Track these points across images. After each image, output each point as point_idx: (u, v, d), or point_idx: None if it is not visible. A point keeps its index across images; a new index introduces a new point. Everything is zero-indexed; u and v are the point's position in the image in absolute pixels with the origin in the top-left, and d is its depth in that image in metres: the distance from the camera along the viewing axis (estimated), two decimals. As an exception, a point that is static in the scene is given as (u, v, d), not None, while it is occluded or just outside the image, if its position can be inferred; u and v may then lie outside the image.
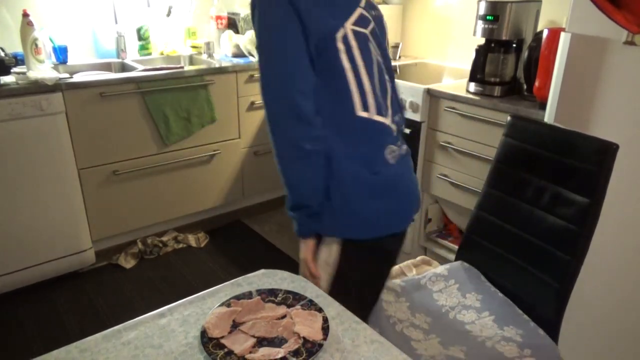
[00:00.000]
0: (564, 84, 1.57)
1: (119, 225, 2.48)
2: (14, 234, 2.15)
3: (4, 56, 2.15)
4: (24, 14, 2.12)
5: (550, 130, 1.36)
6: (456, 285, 1.45)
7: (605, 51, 1.47)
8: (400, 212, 1.21)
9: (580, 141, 1.25)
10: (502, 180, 1.45)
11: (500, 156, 1.46)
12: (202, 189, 2.72)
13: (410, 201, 1.23)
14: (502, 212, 1.43)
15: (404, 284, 1.44)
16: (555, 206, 1.28)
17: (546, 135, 1.34)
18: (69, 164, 2.22)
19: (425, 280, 1.47)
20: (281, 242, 2.78)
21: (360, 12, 1.15)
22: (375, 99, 1.14)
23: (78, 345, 0.90)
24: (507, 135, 1.44)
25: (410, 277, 1.50)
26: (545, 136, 1.34)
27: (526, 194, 1.37)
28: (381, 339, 0.93)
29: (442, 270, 1.51)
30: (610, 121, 1.51)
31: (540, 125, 1.43)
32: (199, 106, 2.55)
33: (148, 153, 2.46)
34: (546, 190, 1.32)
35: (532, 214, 1.34)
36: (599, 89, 1.51)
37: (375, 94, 1.15)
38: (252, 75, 2.71)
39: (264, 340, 0.91)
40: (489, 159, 1.98)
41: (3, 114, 1.99)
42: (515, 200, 1.39)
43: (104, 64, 2.65)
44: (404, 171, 1.21)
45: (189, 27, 2.98)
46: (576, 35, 1.52)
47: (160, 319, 0.97)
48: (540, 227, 1.31)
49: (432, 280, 1.47)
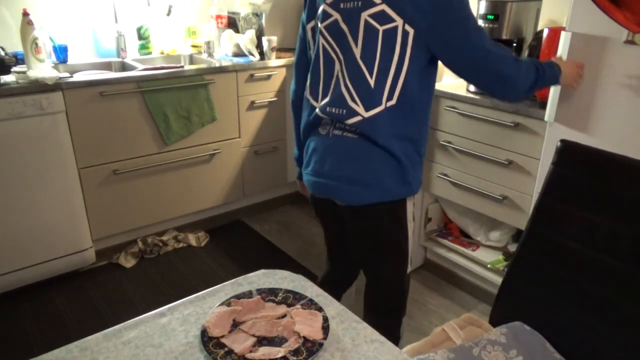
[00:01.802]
0: (565, 83, 1.57)
1: (119, 224, 2.48)
2: (14, 233, 2.15)
3: (4, 55, 2.15)
4: (24, 13, 2.12)
5: (620, 161, 1.11)
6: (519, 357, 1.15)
7: (606, 50, 1.47)
8: (312, 180, 1.37)
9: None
10: (554, 220, 1.19)
11: (551, 190, 1.20)
12: (202, 188, 2.72)
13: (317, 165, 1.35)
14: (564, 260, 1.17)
15: (453, 356, 1.15)
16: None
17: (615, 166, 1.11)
18: (69, 163, 2.22)
19: (478, 350, 1.17)
20: (281, 241, 2.78)
21: (322, 7, 1.27)
22: (312, 85, 1.35)
23: (78, 345, 0.90)
24: (558, 164, 1.19)
25: (459, 344, 1.20)
26: (614, 167, 1.11)
27: (596, 239, 1.11)
28: (381, 338, 0.93)
29: (498, 335, 1.20)
30: (610, 121, 1.51)
31: (603, 154, 1.15)
32: (199, 105, 2.55)
33: (148, 152, 2.46)
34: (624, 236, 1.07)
35: (609, 266, 1.09)
36: (599, 88, 1.52)
37: (316, 82, 1.34)
38: (252, 75, 2.71)
39: (264, 339, 0.91)
40: (489, 158, 1.98)
41: (3, 113, 1.99)
42: (578, 245, 1.14)
43: (104, 63, 2.65)
44: (331, 148, 1.32)
45: (189, 27, 2.98)
46: (577, 34, 1.52)
47: (161, 318, 0.97)
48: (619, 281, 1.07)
49: (488, 350, 1.17)
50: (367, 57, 1.22)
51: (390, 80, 1.22)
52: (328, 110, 1.29)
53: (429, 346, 1.25)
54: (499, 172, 1.98)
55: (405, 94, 1.23)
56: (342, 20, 1.23)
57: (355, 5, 1.21)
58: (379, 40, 1.19)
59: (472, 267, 2.24)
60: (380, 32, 1.19)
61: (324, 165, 1.32)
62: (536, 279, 1.23)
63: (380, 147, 1.26)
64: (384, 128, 1.24)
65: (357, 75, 1.23)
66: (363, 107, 1.24)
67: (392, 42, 1.19)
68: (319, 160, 1.33)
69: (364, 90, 1.23)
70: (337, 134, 1.30)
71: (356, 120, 1.25)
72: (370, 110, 1.23)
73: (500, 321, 1.27)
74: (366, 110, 1.24)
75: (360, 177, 1.27)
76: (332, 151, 1.30)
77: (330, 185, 1.31)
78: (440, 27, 1.17)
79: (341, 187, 1.29)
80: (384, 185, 1.27)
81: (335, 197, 1.34)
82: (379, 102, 1.23)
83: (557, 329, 1.18)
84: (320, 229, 1.64)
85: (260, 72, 2.74)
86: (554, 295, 1.19)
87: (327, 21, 1.26)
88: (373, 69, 1.22)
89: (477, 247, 2.30)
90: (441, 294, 2.32)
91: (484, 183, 2.05)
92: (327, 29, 1.27)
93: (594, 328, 1.11)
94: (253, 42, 2.78)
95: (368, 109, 1.24)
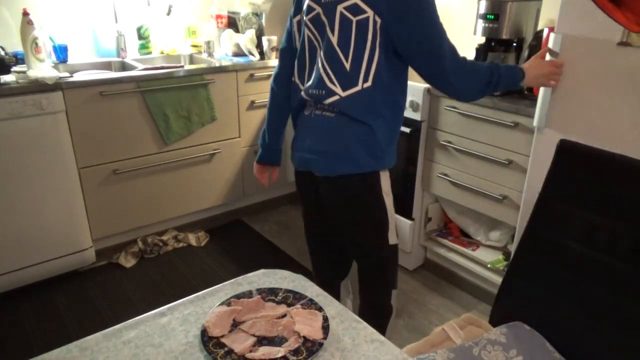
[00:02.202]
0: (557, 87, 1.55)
1: (119, 224, 2.48)
2: (14, 233, 2.15)
3: (4, 55, 2.15)
4: (24, 12, 2.12)
5: (620, 160, 1.11)
6: (519, 357, 1.15)
7: (598, 52, 1.46)
8: (296, 155, 1.54)
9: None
10: (556, 221, 1.19)
11: (551, 190, 1.20)
12: (202, 188, 2.72)
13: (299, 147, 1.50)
14: (563, 260, 1.17)
15: (453, 356, 1.15)
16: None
17: (615, 166, 1.10)
18: (69, 163, 2.22)
19: (478, 350, 1.17)
20: (281, 241, 2.78)
21: (307, 3, 1.43)
22: (299, 72, 1.52)
23: (78, 344, 0.90)
24: (558, 164, 1.19)
25: (459, 344, 1.21)
26: (614, 166, 1.10)
27: (596, 239, 1.10)
28: (381, 338, 0.93)
29: (498, 335, 1.20)
30: (602, 123, 1.49)
31: (603, 153, 1.14)
32: (199, 105, 2.55)
33: (148, 152, 2.46)
34: (624, 236, 1.06)
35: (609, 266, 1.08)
36: (593, 90, 1.50)
37: (302, 68, 1.50)
38: (252, 75, 2.71)
39: (264, 339, 0.91)
40: (490, 158, 1.98)
41: (3, 113, 1.99)
42: (578, 245, 1.14)
43: (104, 63, 2.65)
44: (312, 126, 1.46)
45: (189, 26, 2.98)
46: (567, 36, 1.51)
47: (161, 318, 0.97)
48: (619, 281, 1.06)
49: (488, 349, 1.17)
50: (343, 44, 1.35)
51: (365, 64, 1.34)
52: (310, 92, 1.45)
53: (429, 346, 1.25)
54: (499, 172, 1.98)
55: (379, 77, 1.35)
56: (322, 12, 1.38)
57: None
58: (353, 29, 1.33)
59: (472, 266, 2.24)
60: (353, 22, 1.32)
61: (305, 140, 1.48)
62: (536, 279, 1.22)
63: (355, 122, 1.38)
64: (359, 106, 1.37)
65: (334, 60, 1.37)
66: (340, 88, 1.38)
67: (364, 30, 1.32)
68: (301, 137, 1.50)
69: (340, 73, 1.37)
70: (317, 113, 1.45)
71: (334, 100, 1.39)
72: (347, 90, 1.37)
73: (500, 321, 1.27)
74: (343, 91, 1.37)
75: (335, 150, 1.41)
76: (313, 128, 1.46)
77: (309, 158, 1.46)
78: (400, 19, 1.29)
79: (319, 160, 1.44)
80: (357, 158, 1.39)
81: (313, 169, 1.48)
82: (356, 83, 1.36)
83: (557, 328, 1.18)
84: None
85: (260, 71, 2.74)
86: (554, 295, 1.19)
87: (311, 14, 1.42)
88: (348, 55, 1.35)
89: (477, 247, 2.30)
90: (441, 293, 2.32)
91: (484, 183, 2.05)
92: (310, 21, 1.43)
93: (594, 328, 1.11)
94: (253, 42, 2.78)
95: (345, 89, 1.37)
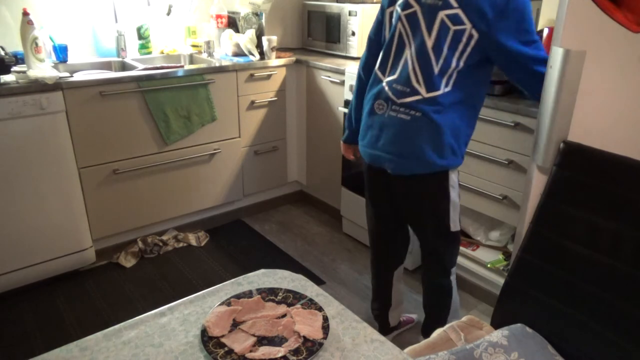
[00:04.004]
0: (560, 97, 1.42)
1: (119, 224, 2.48)
2: (14, 233, 2.15)
3: (4, 55, 2.15)
4: (24, 12, 2.12)
5: (624, 162, 1.10)
6: (521, 359, 1.14)
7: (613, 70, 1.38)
8: (368, 151, 1.61)
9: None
10: (559, 222, 1.18)
11: (554, 192, 1.19)
12: (202, 187, 2.72)
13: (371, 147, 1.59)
14: (565, 262, 1.16)
15: (454, 358, 1.14)
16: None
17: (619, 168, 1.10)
18: (69, 162, 2.22)
19: (479, 352, 1.15)
20: (281, 241, 2.78)
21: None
22: (382, 62, 1.58)
23: (78, 344, 0.90)
24: (561, 166, 1.19)
25: (461, 347, 1.19)
26: (618, 169, 1.10)
27: (598, 241, 1.10)
28: (381, 337, 0.93)
29: (500, 337, 1.19)
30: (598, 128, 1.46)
31: (607, 155, 1.14)
32: (199, 105, 2.55)
33: (148, 152, 2.46)
34: (626, 238, 1.05)
35: (611, 268, 1.07)
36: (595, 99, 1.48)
37: (386, 60, 1.57)
38: (252, 74, 2.71)
39: (264, 339, 0.91)
40: (490, 158, 1.98)
41: (3, 113, 1.99)
42: (580, 247, 1.14)
43: (104, 62, 2.65)
44: (385, 126, 1.54)
45: (189, 26, 2.98)
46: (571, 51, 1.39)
47: (161, 318, 0.97)
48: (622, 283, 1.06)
49: (489, 352, 1.15)
50: (437, 48, 1.44)
51: (451, 70, 1.44)
52: (394, 87, 1.52)
53: (430, 348, 1.25)
54: (499, 172, 1.98)
55: (461, 83, 1.45)
56: (420, 12, 1.46)
57: (435, 3, 1.43)
58: (449, 37, 1.42)
59: (472, 267, 2.24)
60: (451, 30, 1.41)
61: (379, 140, 1.56)
62: (538, 281, 1.22)
63: (431, 124, 1.46)
64: (438, 107, 1.46)
65: (426, 61, 1.46)
66: (425, 89, 1.47)
67: (457, 40, 1.42)
68: (374, 136, 1.58)
69: (427, 75, 1.46)
70: (392, 115, 1.53)
71: (416, 99, 1.48)
72: (430, 93, 1.46)
73: (502, 323, 1.27)
74: (427, 92, 1.46)
75: (409, 152, 1.50)
76: (387, 128, 1.54)
77: (382, 157, 1.56)
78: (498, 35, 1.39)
79: (393, 160, 1.53)
80: (430, 160, 1.49)
81: (386, 167, 1.58)
82: (439, 87, 1.45)
83: (559, 331, 1.18)
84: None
85: (260, 71, 2.74)
86: (556, 298, 1.18)
87: (408, 10, 1.49)
88: (439, 59, 1.44)
89: (477, 247, 2.30)
90: (441, 293, 2.32)
91: (484, 183, 2.05)
92: (406, 17, 1.50)
93: (596, 331, 1.10)
94: (253, 42, 2.78)
95: (429, 91, 1.46)
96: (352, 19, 2.76)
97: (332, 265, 2.55)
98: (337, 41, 2.91)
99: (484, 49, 1.42)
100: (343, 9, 2.80)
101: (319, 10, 3.00)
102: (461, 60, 1.43)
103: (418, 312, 2.16)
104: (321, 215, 3.05)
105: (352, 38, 2.81)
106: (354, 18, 2.75)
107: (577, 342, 1.14)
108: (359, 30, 2.76)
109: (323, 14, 2.98)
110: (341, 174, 2.74)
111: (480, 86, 1.53)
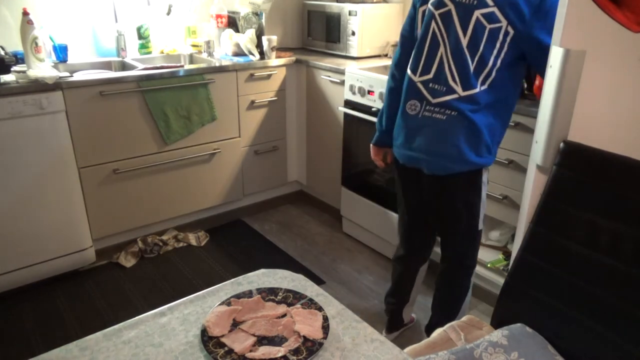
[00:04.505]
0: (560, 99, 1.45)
1: (119, 223, 2.48)
2: (15, 233, 2.15)
3: (4, 55, 2.15)
4: (24, 12, 2.12)
5: (624, 162, 1.10)
6: (521, 359, 1.14)
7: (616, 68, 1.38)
8: (402, 152, 1.61)
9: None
10: (559, 222, 1.18)
11: (554, 192, 1.19)
12: (202, 187, 2.72)
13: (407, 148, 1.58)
14: (565, 262, 1.16)
15: (454, 357, 1.14)
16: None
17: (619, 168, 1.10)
18: (69, 162, 2.22)
19: (479, 352, 1.15)
20: (281, 241, 2.78)
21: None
22: (414, 61, 1.56)
23: (78, 344, 0.90)
24: (561, 166, 1.19)
25: (461, 347, 1.20)
26: (618, 169, 1.10)
27: (598, 241, 1.10)
28: (381, 337, 0.93)
29: (500, 337, 1.19)
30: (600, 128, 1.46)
31: (607, 155, 1.14)
32: (199, 105, 2.55)
33: (148, 152, 2.46)
34: (627, 238, 1.05)
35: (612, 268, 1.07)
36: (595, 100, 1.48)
37: (418, 58, 1.55)
38: (252, 74, 2.71)
39: (264, 339, 0.91)
40: (489, 158, 1.98)
41: (3, 113, 1.99)
42: (580, 247, 1.14)
43: (104, 62, 2.65)
44: (420, 126, 1.54)
45: (189, 26, 2.98)
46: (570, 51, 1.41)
47: (161, 318, 0.97)
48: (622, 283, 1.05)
49: (489, 352, 1.15)
50: (472, 46, 1.44)
51: (488, 69, 1.44)
52: (430, 86, 1.52)
53: (430, 347, 1.25)
54: (499, 172, 1.98)
55: (497, 82, 1.45)
56: (455, 11, 1.46)
57: (470, 2, 1.43)
58: (485, 35, 1.42)
59: (472, 266, 2.24)
60: (487, 29, 1.41)
61: (413, 141, 1.56)
62: (538, 281, 1.22)
63: (467, 122, 1.47)
64: (474, 106, 1.46)
65: (461, 60, 1.46)
66: (461, 87, 1.47)
67: (494, 38, 1.42)
68: (409, 136, 1.58)
69: (464, 74, 1.46)
70: (426, 115, 1.53)
71: (452, 97, 1.48)
72: (466, 91, 1.46)
73: (502, 323, 1.27)
74: (463, 90, 1.47)
75: (445, 151, 1.50)
76: (422, 129, 1.54)
77: (418, 158, 1.57)
78: (534, 31, 1.39)
79: (429, 160, 1.54)
80: (466, 158, 1.49)
81: (422, 167, 1.59)
82: (475, 85, 1.46)
83: (559, 331, 1.17)
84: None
85: (260, 71, 2.74)
86: (556, 297, 1.18)
87: (442, 9, 1.48)
88: (475, 58, 1.44)
89: (477, 246, 2.29)
90: (441, 293, 2.32)
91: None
92: (440, 16, 1.49)
93: (596, 331, 1.10)
94: (253, 42, 2.78)
95: (465, 90, 1.46)
96: (352, 19, 2.76)
97: (332, 265, 2.55)
98: (337, 41, 2.91)
99: (519, 45, 1.42)
100: (343, 9, 2.80)
101: (319, 10, 3.00)
102: (498, 59, 1.44)
103: (418, 312, 2.16)
104: (321, 215, 3.05)
105: (352, 38, 2.81)
106: (354, 18, 2.75)
107: (577, 342, 1.14)
108: (359, 30, 2.76)
109: (323, 13, 2.98)
110: (341, 174, 2.74)
111: (515, 86, 1.53)
